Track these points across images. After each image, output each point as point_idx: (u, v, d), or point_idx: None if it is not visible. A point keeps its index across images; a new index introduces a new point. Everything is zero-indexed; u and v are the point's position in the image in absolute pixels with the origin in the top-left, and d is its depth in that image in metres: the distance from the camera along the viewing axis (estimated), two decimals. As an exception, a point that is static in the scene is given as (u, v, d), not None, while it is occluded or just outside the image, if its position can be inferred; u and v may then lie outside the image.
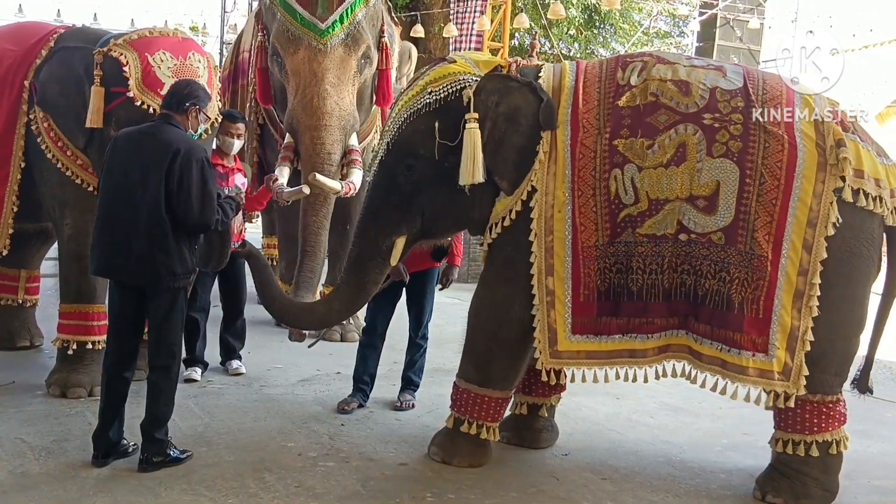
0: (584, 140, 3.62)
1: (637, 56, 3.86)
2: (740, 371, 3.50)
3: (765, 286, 3.46)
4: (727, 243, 3.49)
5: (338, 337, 6.37)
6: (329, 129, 5.37)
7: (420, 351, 4.89)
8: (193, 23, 24.47)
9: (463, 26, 12.63)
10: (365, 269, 3.90)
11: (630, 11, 16.99)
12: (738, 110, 3.55)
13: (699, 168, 3.51)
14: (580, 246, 3.61)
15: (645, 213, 3.56)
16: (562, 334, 3.66)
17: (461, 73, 3.74)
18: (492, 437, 3.88)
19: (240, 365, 5.33)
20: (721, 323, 3.52)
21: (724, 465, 4.09)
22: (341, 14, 5.56)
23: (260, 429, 4.24)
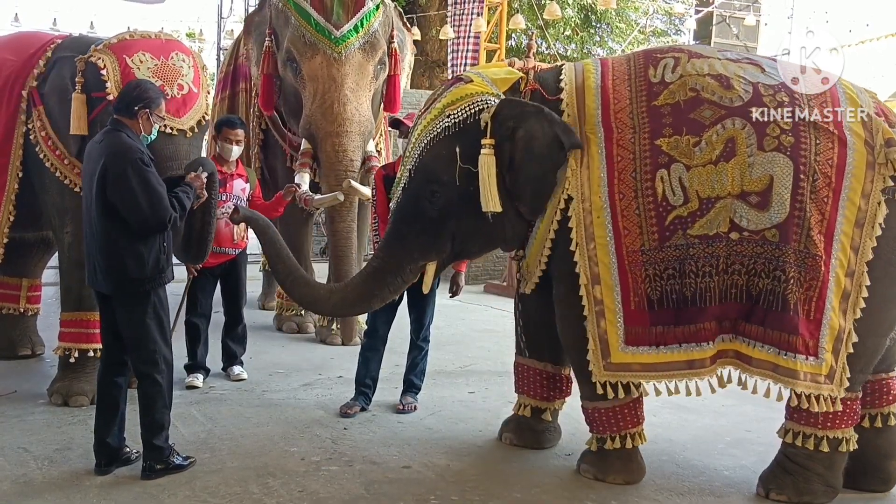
0: (620, 141, 3.51)
1: (666, 51, 3.75)
2: (792, 375, 3.38)
3: (818, 286, 3.36)
4: (781, 240, 3.38)
5: (339, 341, 6.37)
6: (350, 135, 5.38)
7: (421, 353, 4.88)
8: (190, 29, 24.49)
9: (460, 28, 12.63)
10: (381, 283, 3.80)
11: (626, 10, 16.99)
12: (784, 104, 3.45)
13: (750, 163, 3.40)
14: (624, 251, 3.49)
15: (696, 213, 3.43)
16: (615, 345, 3.52)
17: (479, 93, 3.63)
18: (639, 443, 3.73)
19: (241, 371, 5.33)
20: (776, 324, 3.40)
21: (727, 462, 4.09)
22: (356, 24, 5.55)
23: (263, 434, 4.24)
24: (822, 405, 3.42)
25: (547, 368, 4.14)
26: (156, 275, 3.57)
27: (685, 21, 17.07)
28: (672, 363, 3.52)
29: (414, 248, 3.76)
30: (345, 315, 5.47)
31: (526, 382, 4.20)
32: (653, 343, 3.51)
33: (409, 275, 3.82)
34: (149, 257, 3.53)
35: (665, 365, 3.52)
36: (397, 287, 3.84)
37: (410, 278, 3.84)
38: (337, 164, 5.31)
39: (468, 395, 4.98)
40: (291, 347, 6.32)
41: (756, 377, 3.53)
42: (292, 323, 6.85)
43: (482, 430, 4.46)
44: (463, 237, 3.75)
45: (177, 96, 4.38)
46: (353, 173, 5.34)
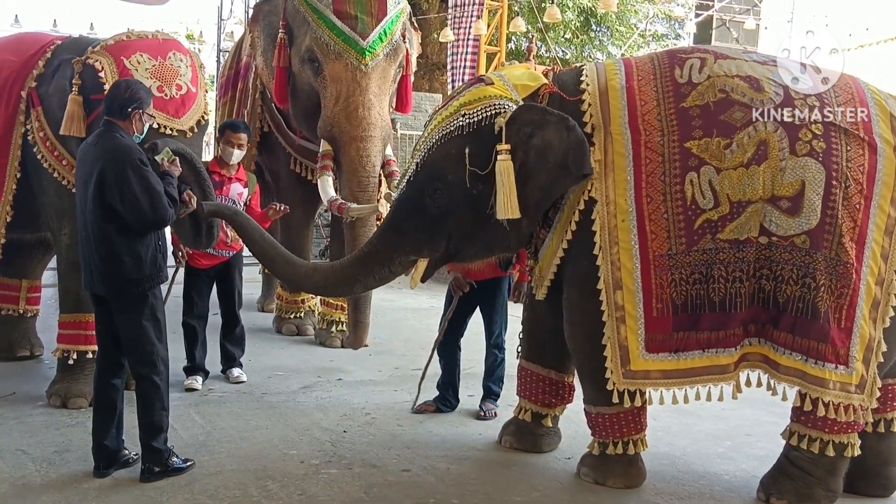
0: (649, 143, 3.45)
1: (691, 52, 3.69)
2: (821, 384, 3.32)
3: (849, 294, 3.31)
4: (812, 247, 3.32)
5: (338, 343, 6.36)
6: (373, 140, 5.33)
7: (495, 360, 4.83)
8: (189, 31, 24.50)
9: (460, 31, 12.64)
10: (367, 269, 3.78)
11: (626, 14, 17.00)
12: (815, 109, 3.42)
13: (782, 167, 3.35)
14: (651, 255, 3.42)
15: (726, 217, 3.37)
16: (635, 352, 3.46)
17: (497, 97, 3.59)
18: (641, 450, 3.71)
19: (241, 373, 5.32)
20: (805, 332, 3.34)
21: (727, 467, 4.08)
22: (381, 32, 5.46)
23: (262, 437, 4.23)
24: (850, 415, 3.36)
25: (551, 375, 4.11)
26: (154, 273, 3.58)
27: (685, 25, 17.07)
28: (693, 369, 3.47)
29: (407, 242, 3.72)
30: (324, 295, 5.39)
31: (528, 387, 4.18)
32: (674, 349, 3.45)
33: (397, 267, 3.78)
34: (146, 257, 3.54)
35: (686, 371, 3.47)
36: (383, 277, 3.80)
37: (399, 271, 3.81)
38: (360, 170, 5.27)
39: (468, 398, 4.96)
40: (291, 350, 6.31)
41: (784, 384, 3.47)
42: (292, 325, 6.84)
43: (482, 433, 4.45)
44: (459, 239, 3.71)
45: (175, 97, 4.37)
46: (374, 178, 5.31)
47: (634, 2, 16.92)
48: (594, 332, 3.55)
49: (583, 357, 3.72)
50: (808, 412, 3.42)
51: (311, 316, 6.88)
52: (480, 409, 4.76)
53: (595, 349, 3.56)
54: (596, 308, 3.52)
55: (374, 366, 5.86)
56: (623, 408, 3.59)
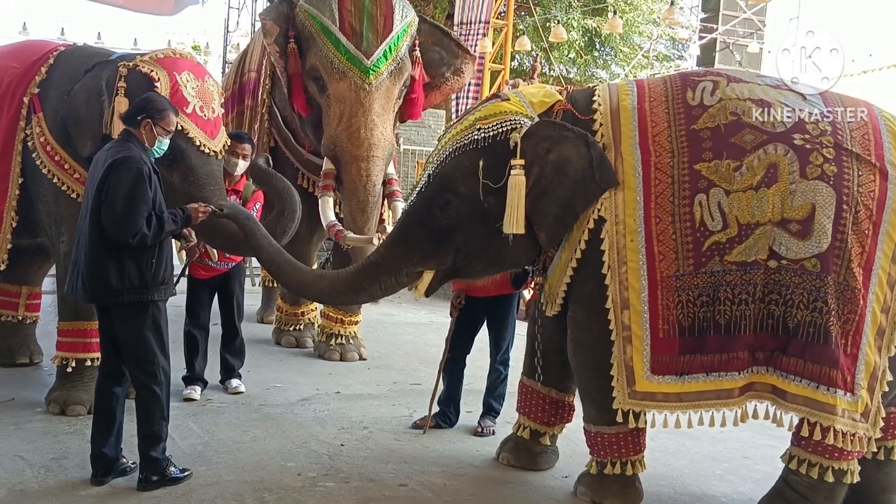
0: (658, 164, 3.45)
1: (704, 75, 3.69)
2: (831, 411, 3.27)
3: (856, 321, 3.29)
4: (823, 271, 3.29)
5: (337, 356, 6.36)
6: (375, 160, 5.35)
7: (500, 377, 4.83)
8: (196, 42, 24.62)
9: (465, 48, 12.70)
10: (373, 278, 3.78)
11: (631, 35, 17.12)
12: (826, 133, 3.40)
13: (792, 190, 3.33)
14: (658, 276, 3.40)
15: (734, 239, 3.35)
16: (640, 373, 3.43)
17: (513, 112, 3.60)
18: (639, 471, 3.69)
19: (239, 384, 5.32)
20: (815, 357, 3.30)
21: (723, 489, 4.08)
22: (385, 50, 5.46)
23: (259, 448, 4.23)
24: (854, 444, 3.33)
25: (551, 394, 4.10)
26: (148, 286, 3.56)
27: (689, 47, 17.20)
28: (698, 393, 3.44)
29: (415, 253, 3.72)
30: (329, 303, 5.37)
31: (528, 404, 4.17)
32: (679, 372, 3.42)
33: (404, 278, 3.78)
34: (137, 269, 3.51)
35: (691, 395, 3.44)
36: (389, 287, 3.81)
37: (405, 282, 3.81)
38: (361, 190, 5.29)
39: (466, 413, 4.96)
40: (289, 362, 6.31)
41: (791, 413, 3.43)
42: (291, 337, 6.84)
43: (480, 449, 4.45)
44: (467, 253, 3.70)
45: (211, 118, 4.39)
46: (375, 198, 5.33)
47: (639, 23, 17.04)
48: (598, 352, 3.55)
49: (585, 376, 3.72)
50: (811, 438, 3.37)
51: (311, 328, 6.88)
52: (479, 425, 4.76)
53: (598, 368, 3.55)
54: (601, 327, 3.51)
55: (373, 380, 5.86)
56: (623, 428, 3.58)
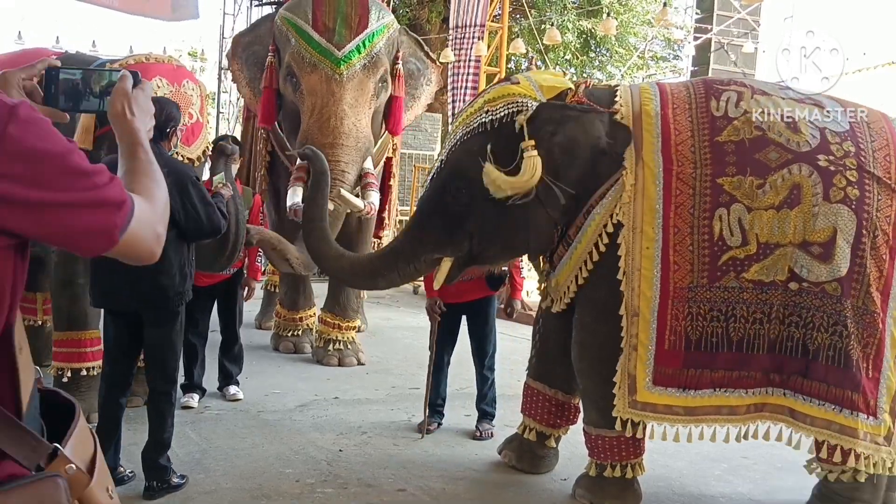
0: (681, 174, 3.41)
1: (728, 84, 3.66)
2: (854, 434, 3.27)
3: (875, 344, 3.29)
4: (843, 295, 3.29)
5: (335, 361, 6.36)
6: (345, 147, 5.38)
7: (488, 383, 4.84)
8: (192, 48, 24.65)
9: (461, 52, 12.73)
10: (391, 265, 3.79)
11: (625, 36, 17.14)
12: (850, 155, 3.38)
13: (815, 212, 3.31)
14: (672, 287, 3.38)
15: (753, 257, 3.34)
16: (641, 383, 3.42)
17: (519, 94, 3.56)
18: (638, 473, 3.69)
19: (237, 391, 5.31)
20: (837, 381, 3.29)
21: (723, 489, 4.07)
22: (359, 44, 5.57)
23: (257, 455, 4.22)
24: (877, 468, 3.33)
25: (557, 396, 4.08)
26: (189, 287, 3.66)
27: (684, 47, 17.21)
28: (701, 408, 3.43)
29: (431, 240, 3.73)
30: (345, 283, 5.35)
31: (534, 406, 4.15)
32: (683, 385, 3.41)
33: (422, 265, 3.79)
34: (177, 276, 3.59)
35: (693, 409, 3.43)
36: (407, 274, 3.83)
37: (423, 269, 3.82)
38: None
39: (464, 417, 4.96)
40: (288, 368, 6.30)
41: (812, 436, 3.41)
42: (289, 343, 6.84)
43: (478, 453, 4.44)
44: (481, 238, 3.67)
45: (187, 124, 4.39)
46: (343, 185, 5.34)
47: (633, 24, 17.07)
48: (603, 356, 3.53)
49: (588, 379, 3.70)
50: (831, 460, 3.37)
51: (309, 334, 6.88)
52: (477, 429, 4.76)
53: (602, 373, 3.54)
54: (608, 332, 3.50)
55: (371, 384, 5.85)
56: (624, 432, 3.58)
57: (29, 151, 1.03)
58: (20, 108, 1.04)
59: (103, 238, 1.14)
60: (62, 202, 1.07)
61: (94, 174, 1.11)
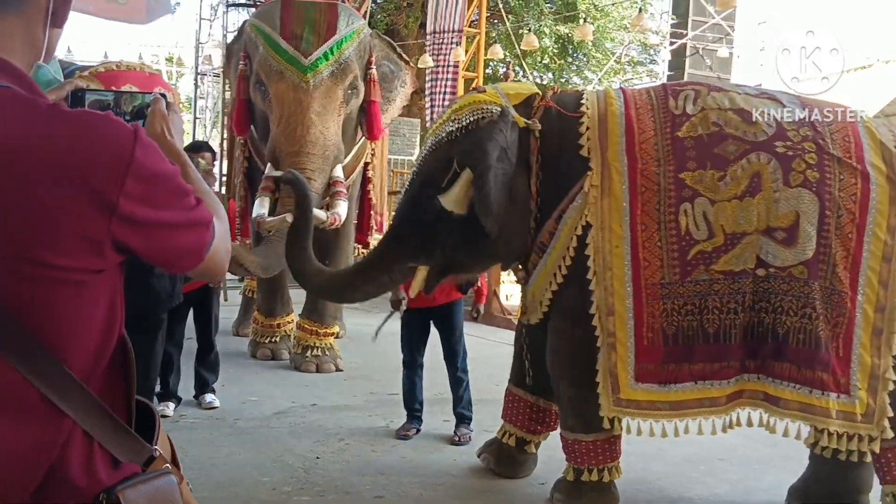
0: (644, 172, 3.44)
1: (686, 84, 3.73)
2: (826, 414, 3.30)
3: (844, 323, 3.31)
4: (810, 277, 3.31)
5: (313, 368, 6.33)
6: (311, 156, 5.36)
7: (463, 386, 4.83)
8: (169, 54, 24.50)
9: (438, 57, 12.73)
10: (367, 277, 3.77)
11: (602, 41, 17.23)
12: (808, 139, 3.41)
13: (776, 198, 3.34)
14: (643, 283, 3.39)
15: (720, 249, 3.36)
16: (624, 381, 3.43)
17: (484, 102, 3.57)
18: (615, 477, 3.68)
19: (213, 399, 5.26)
20: (808, 363, 3.31)
21: (700, 491, 4.09)
22: (326, 51, 5.55)
23: (234, 463, 4.18)
24: (854, 444, 3.34)
25: (539, 402, 4.08)
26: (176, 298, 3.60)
27: (660, 52, 17.35)
28: (683, 402, 3.43)
29: (405, 250, 3.71)
30: (325, 298, 5.34)
31: (514, 412, 4.14)
32: (664, 381, 3.42)
33: (397, 275, 3.78)
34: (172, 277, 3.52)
35: (675, 404, 3.43)
36: (383, 285, 3.81)
37: (399, 279, 3.81)
38: None
39: (442, 423, 4.95)
40: (265, 375, 6.26)
41: (786, 419, 3.43)
42: (267, 350, 6.79)
43: (456, 459, 4.43)
44: (451, 247, 3.65)
45: None
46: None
47: (610, 29, 17.17)
48: (579, 360, 3.53)
49: (565, 383, 3.70)
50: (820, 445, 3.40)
51: (287, 341, 6.84)
52: (455, 434, 4.75)
53: (577, 376, 3.54)
54: (582, 335, 3.49)
55: (349, 391, 5.82)
56: (600, 436, 3.57)
57: (150, 173, 1.10)
58: (140, 131, 1.11)
59: (195, 256, 1.21)
60: (171, 222, 1.14)
61: (190, 194, 1.18)
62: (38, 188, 1.02)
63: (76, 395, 1.09)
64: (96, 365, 1.15)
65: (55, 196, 1.03)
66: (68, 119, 1.07)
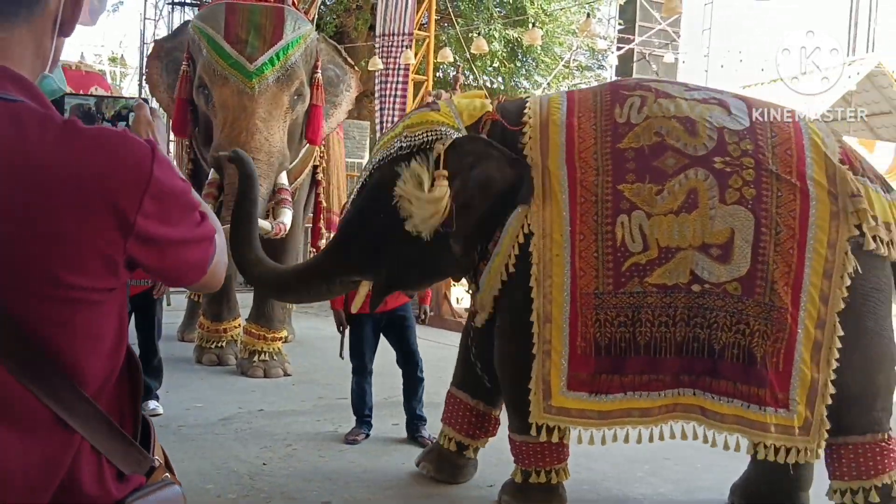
0: (584, 181, 3.43)
1: (634, 87, 3.67)
2: (763, 428, 3.31)
3: (785, 339, 3.30)
4: (744, 293, 3.32)
5: (261, 373, 6.26)
6: (256, 161, 5.28)
7: (422, 386, 4.84)
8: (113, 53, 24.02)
9: (389, 60, 12.71)
10: (306, 282, 3.74)
11: (551, 45, 17.40)
12: (748, 154, 3.39)
13: (712, 215, 3.34)
14: (578, 292, 3.40)
15: (654, 262, 3.35)
16: (556, 388, 3.43)
17: (439, 123, 3.56)
18: (563, 479, 3.69)
19: (157, 405, 5.16)
20: (744, 378, 3.33)
21: (644, 490, 4.14)
22: (272, 56, 5.49)
23: (177, 471, 4.06)
24: (792, 457, 3.37)
25: (479, 406, 4.08)
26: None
27: (608, 57, 17.58)
28: (611, 412, 3.44)
29: (348, 262, 3.69)
30: (259, 289, 5.27)
31: (455, 415, 4.14)
32: (595, 391, 3.42)
33: (336, 286, 3.76)
34: None
35: (604, 413, 3.44)
36: (320, 293, 3.80)
37: (338, 290, 3.80)
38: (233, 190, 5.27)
39: (392, 426, 4.93)
40: (211, 380, 6.17)
41: (724, 432, 3.45)
42: (213, 355, 6.69)
43: (405, 462, 4.41)
44: (398, 263, 3.64)
45: None
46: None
47: (558, 34, 17.34)
48: (523, 363, 3.53)
49: (510, 386, 3.71)
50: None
51: (233, 345, 6.75)
52: (422, 436, 4.75)
53: (521, 380, 3.54)
54: (526, 339, 3.50)
55: (297, 395, 5.77)
56: (540, 438, 3.59)
57: (167, 191, 1.10)
58: (156, 148, 1.11)
59: (199, 271, 1.20)
60: (182, 239, 1.15)
61: (197, 208, 1.18)
62: (60, 208, 1.02)
63: (87, 413, 1.10)
64: (108, 380, 1.16)
65: (76, 216, 1.03)
66: (88, 137, 1.06)
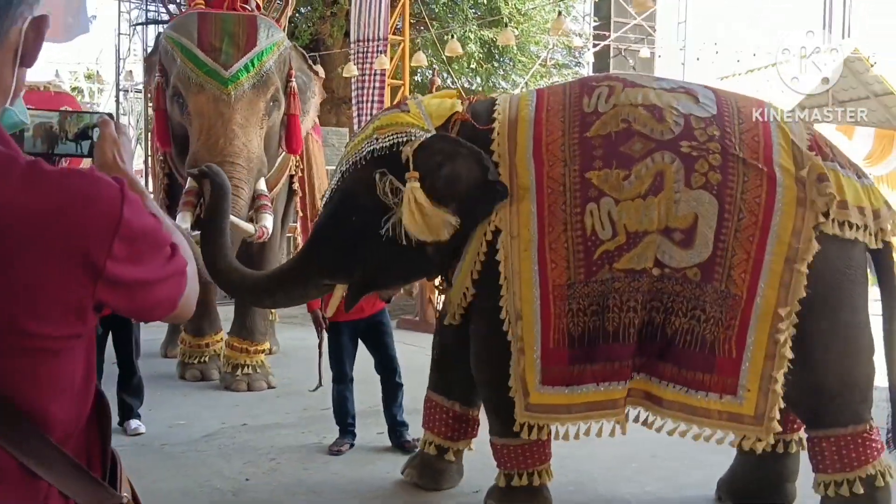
0: (551, 174, 3.40)
1: (602, 80, 3.66)
2: (706, 415, 3.30)
3: (737, 326, 3.27)
4: (703, 280, 3.28)
5: (244, 387, 6.20)
6: (236, 166, 5.27)
7: (402, 392, 4.81)
8: (89, 70, 23.87)
9: (364, 65, 12.69)
10: (279, 287, 3.71)
11: (527, 44, 17.41)
12: (714, 139, 3.35)
13: (677, 199, 3.30)
14: (550, 285, 3.36)
15: (623, 247, 3.32)
16: (532, 385, 3.40)
17: (408, 124, 3.53)
18: (547, 480, 3.67)
19: (139, 424, 5.10)
20: (690, 364, 3.31)
21: (632, 489, 4.12)
22: (247, 63, 5.47)
23: (159, 491, 4.04)
24: (745, 446, 3.37)
25: (455, 408, 4.05)
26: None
27: (584, 54, 17.60)
28: (588, 404, 3.41)
29: (323, 266, 3.66)
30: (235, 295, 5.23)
31: (433, 419, 4.11)
32: (570, 383, 3.39)
33: (311, 290, 3.75)
34: None
35: (582, 406, 3.41)
36: (295, 297, 3.80)
37: (313, 294, 3.80)
38: None
39: (377, 435, 4.89)
40: (194, 396, 6.11)
41: (667, 419, 3.45)
42: (196, 370, 6.63)
43: (390, 471, 4.37)
44: (373, 266, 3.62)
45: None
46: (237, 202, 5.21)
47: (534, 33, 17.36)
48: (498, 364, 3.51)
49: (487, 389, 3.69)
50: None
51: (216, 360, 6.69)
52: (406, 440, 4.72)
53: (499, 381, 3.52)
54: (501, 340, 3.47)
55: (282, 408, 5.72)
56: (528, 440, 3.56)
57: (137, 232, 1.07)
58: (125, 188, 1.07)
59: (168, 306, 1.17)
60: (152, 279, 1.11)
61: (167, 243, 1.14)
62: (26, 257, 0.98)
63: (53, 459, 1.08)
64: (76, 423, 1.13)
65: (43, 265, 0.99)
66: (53, 180, 1.02)
